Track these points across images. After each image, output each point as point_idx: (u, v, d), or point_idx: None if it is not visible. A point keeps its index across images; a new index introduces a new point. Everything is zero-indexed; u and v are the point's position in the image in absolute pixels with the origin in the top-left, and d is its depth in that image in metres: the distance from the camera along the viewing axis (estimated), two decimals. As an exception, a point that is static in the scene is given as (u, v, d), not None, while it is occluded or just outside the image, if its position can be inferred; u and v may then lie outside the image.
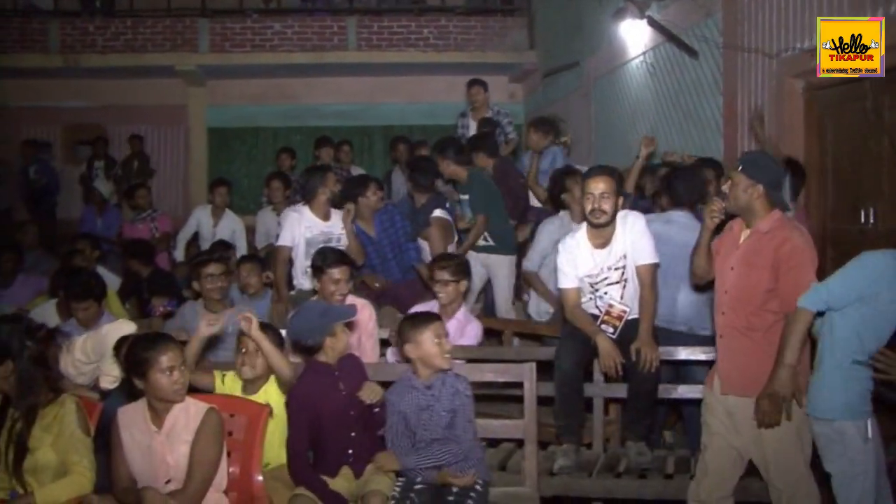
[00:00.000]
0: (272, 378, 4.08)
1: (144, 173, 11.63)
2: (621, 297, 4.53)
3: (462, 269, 5.00)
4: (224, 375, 4.15)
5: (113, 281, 6.63)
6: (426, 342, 3.88)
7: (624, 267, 4.49)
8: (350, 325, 4.29)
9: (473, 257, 6.45)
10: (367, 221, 6.28)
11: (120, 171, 11.72)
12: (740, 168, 3.76)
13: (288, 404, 3.94)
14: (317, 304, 4.50)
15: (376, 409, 3.97)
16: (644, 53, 8.21)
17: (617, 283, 4.52)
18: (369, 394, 3.94)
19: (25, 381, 3.60)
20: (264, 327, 4.07)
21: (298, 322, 4.08)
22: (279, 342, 4.12)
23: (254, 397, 4.03)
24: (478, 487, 3.89)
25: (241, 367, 4.06)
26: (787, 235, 3.66)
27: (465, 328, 4.99)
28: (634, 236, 4.47)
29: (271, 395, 4.06)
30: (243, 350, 4.07)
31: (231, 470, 3.62)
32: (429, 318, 4.03)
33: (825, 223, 5.56)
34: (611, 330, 4.49)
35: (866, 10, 4.86)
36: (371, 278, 6.09)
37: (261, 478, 3.71)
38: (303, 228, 5.93)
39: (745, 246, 3.78)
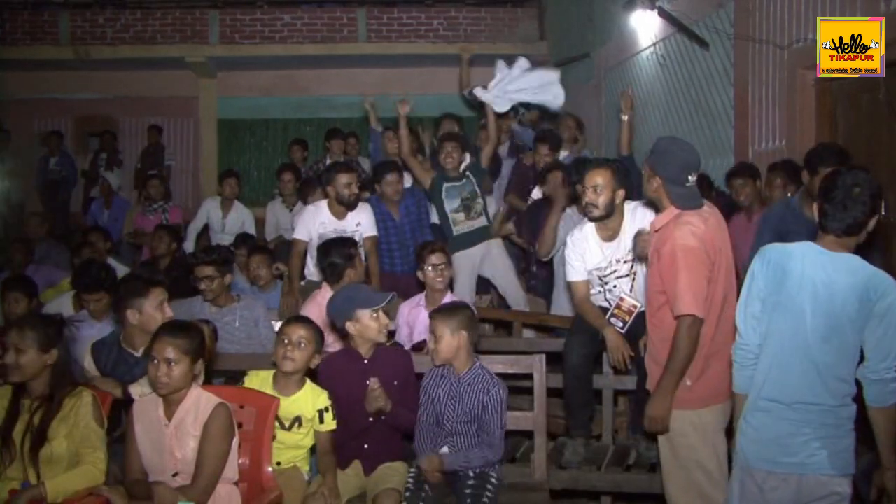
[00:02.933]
0: (307, 387, 3.94)
1: (159, 164, 11.62)
2: (630, 291, 4.52)
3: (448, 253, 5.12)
4: (243, 382, 4.02)
5: (124, 272, 6.66)
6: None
7: (633, 260, 4.47)
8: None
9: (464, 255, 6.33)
10: (393, 204, 6.34)
11: (139, 164, 11.76)
12: (650, 156, 3.63)
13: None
14: (351, 287, 4.45)
15: (383, 417, 3.97)
16: (655, 44, 8.18)
17: (626, 276, 4.51)
18: (371, 402, 3.91)
19: (61, 372, 3.64)
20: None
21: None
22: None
23: (287, 400, 3.87)
24: (493, 480, 3.91)
25: (282, 360, 3.86)
26: (669, 234, 3.48)
27: None
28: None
29: (304, 405, 3.90)
30: (285, 341, 3.87)
31: (241, 461, 3.63)
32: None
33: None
34: (620, 324, 4.47)
35: (877, 3, 4.82)
36: None
37: (271, 469, 3.72)
38: (317, 224, 5.94)
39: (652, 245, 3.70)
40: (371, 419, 3.99)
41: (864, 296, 2.89)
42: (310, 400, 3.90)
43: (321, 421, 3.88)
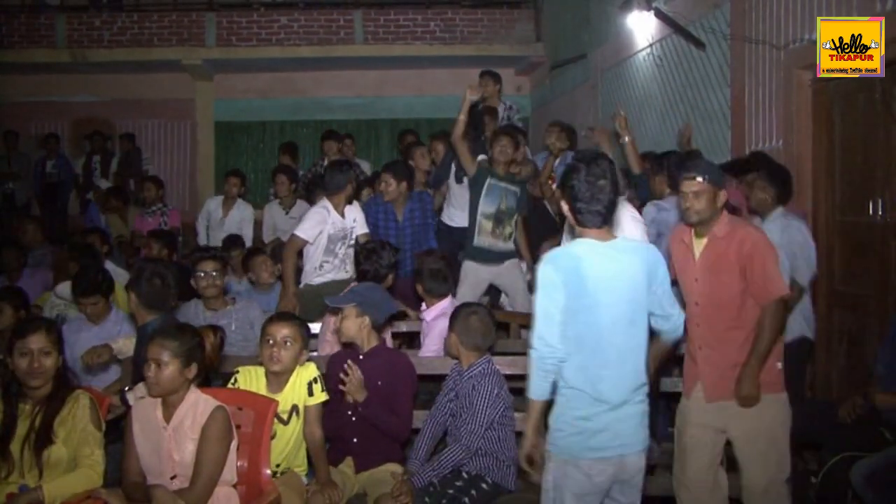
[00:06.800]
0: (297, 372, 3.94)
1: (137, 173, 11.51)
2: None
3: None
4: (235, 379, 4.00)
5: (120, 276, 6.65)
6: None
7: None
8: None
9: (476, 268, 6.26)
10: (398, 204, 6.36)
11: (115, 168, 11.71)
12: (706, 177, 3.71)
13: None
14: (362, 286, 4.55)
15: (360, 409, 3.99)
16: (651, 45, 8.18)
17: None
18: (350, 390, 3.96)
19: (63, 374, 3.66)
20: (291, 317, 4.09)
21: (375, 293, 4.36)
22: (307, 333, 4.05)
23: (281, 395, 3.88)
24: (484, 486, 3.91)
25: (269, 361, 3.86)
26: (739, 236, 3.69)
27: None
28: (621, 226, 4.31)
29: (296, 390, 3.91)
30: (270, 341, 3.87)
31: (239, 464, 3.62)
32: None
33: (833, 215, 5.53)
34: None
35: (873, 2, 4.82)
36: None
37: (269, 471, 3.72)
38: (328, 224, 5.96)
39: (705, 254, 3.76)
40: (359, 423, 4.00)
41: (648, 269, 3.13)
42: (300, 380, 3.92)
43: (310, 394, 3.89)
